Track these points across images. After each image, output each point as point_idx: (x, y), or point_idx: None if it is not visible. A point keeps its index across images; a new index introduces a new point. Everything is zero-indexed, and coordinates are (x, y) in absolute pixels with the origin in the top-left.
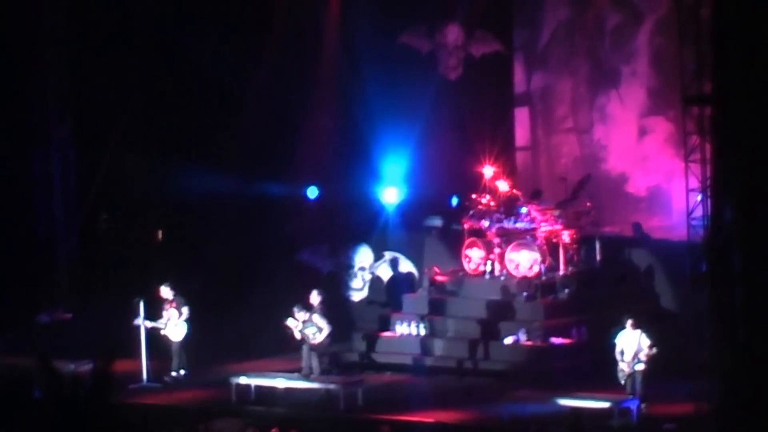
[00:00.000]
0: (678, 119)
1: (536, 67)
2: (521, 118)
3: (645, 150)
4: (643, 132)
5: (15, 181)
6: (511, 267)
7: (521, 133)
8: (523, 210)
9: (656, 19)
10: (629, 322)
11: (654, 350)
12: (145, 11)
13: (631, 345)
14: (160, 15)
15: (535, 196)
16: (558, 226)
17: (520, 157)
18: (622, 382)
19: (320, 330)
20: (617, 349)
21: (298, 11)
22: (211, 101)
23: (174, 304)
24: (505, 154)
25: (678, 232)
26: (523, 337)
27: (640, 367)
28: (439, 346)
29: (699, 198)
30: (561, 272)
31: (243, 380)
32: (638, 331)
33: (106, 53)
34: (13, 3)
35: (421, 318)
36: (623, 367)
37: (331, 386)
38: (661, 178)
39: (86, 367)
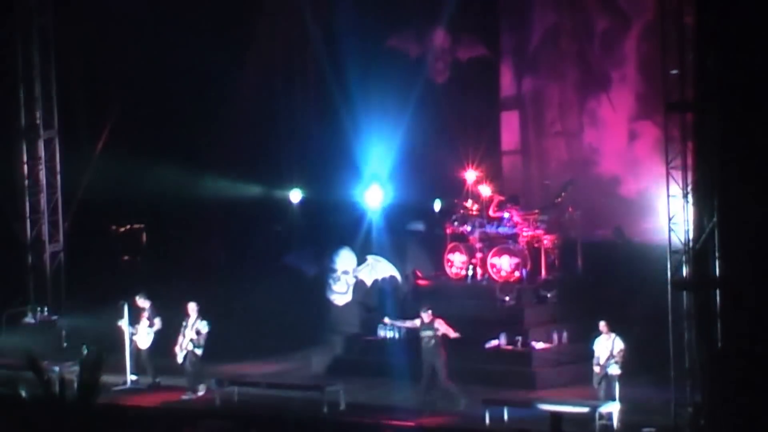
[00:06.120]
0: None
1: (526, 70)
2: (509, 121)
3: (635, 153)
4: (633, 136)
5: (1, 183)
6: (492, 272)
7: (509, 137)
8: (506, 215)
9: (643, 24)
10: (603, 325)
11: (623, 351)
12: (131, 17)
13: (605, 348)
14: (145, 20)
15: (512, 201)
16: (540, 231)
17: (508, 161)
18: (596, 385)
19: None
20: (594, 355)
21: (283, 15)
22: (196, 104)
23: (146, 315)
24: (490, 158)
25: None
26: (504, 342)
27: (615, 370)
28: (420, 350)
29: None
30: (543, 277)
31: (227, 383)
32: (612, 334)
33: (93, 57)
34: None
35: (403, 322)
36: (596, 370)
37: (314, 390)
38: (651, 182)
39: (72, 368)
